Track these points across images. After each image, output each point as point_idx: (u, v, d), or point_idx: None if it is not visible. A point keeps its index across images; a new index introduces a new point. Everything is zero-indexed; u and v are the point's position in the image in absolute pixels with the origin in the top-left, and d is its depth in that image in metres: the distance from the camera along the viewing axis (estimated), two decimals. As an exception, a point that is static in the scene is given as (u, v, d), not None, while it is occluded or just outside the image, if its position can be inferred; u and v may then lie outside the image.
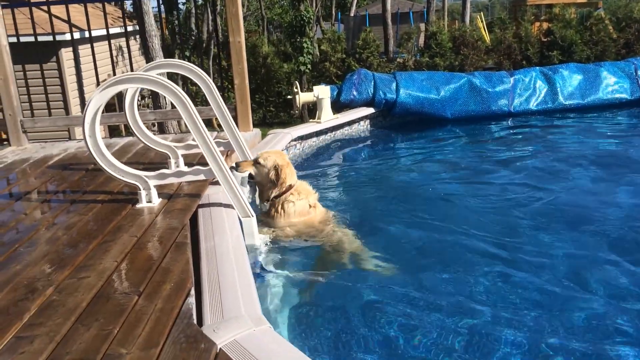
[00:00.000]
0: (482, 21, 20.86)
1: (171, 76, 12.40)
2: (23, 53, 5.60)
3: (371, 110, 7.66)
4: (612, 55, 14.59)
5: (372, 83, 7.73)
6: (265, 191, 4.00)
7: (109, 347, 2.00)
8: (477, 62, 15.28)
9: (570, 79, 8.33)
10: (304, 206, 3.94)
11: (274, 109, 16.43)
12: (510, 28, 17.11)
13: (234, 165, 4.00)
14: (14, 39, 5.39)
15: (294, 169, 4.08)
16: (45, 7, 6.72)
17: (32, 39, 5.72)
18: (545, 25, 16.65)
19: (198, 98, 12.05)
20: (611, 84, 8.36)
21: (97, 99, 3.29)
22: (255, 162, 3.98)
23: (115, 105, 11.40)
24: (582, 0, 20.85)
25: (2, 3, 5.23)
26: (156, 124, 11.67)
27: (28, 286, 2.49)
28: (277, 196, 3.92)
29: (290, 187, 3.94)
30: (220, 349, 2.01)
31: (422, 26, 21.02)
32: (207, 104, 4.30)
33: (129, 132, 4.36)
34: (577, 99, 8.24)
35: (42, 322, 2.19)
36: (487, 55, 15.75)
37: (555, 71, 8.44)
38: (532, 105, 8.14)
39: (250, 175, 4.03)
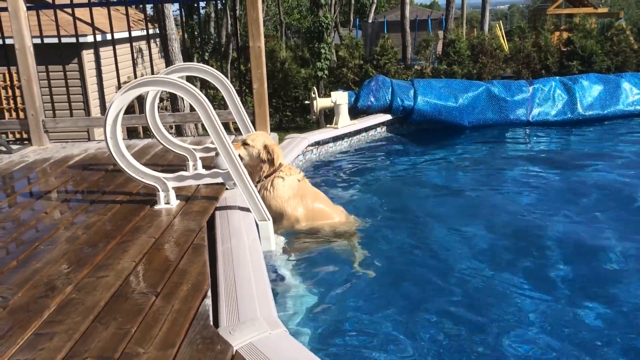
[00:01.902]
0: (501, 30, 20.75)
1: (189, 79, 12.50)
2: (46, 54, 5.67)
3: (388, 116, 7.66)
4: (633, 66, 14.45)
5: (390, 90, 7.73)
6: (255, 173, 4.02)
7: (127, 346, 2.02)
8: (495, 71, 15.21)
9: (590, 89, 8.26)
10: (292, 181, 3.99)
11: (290, 114, 16.48)
12: (529, 37, 17.01)
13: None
14: (37, 40, 5.47)
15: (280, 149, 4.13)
16: (66, 9, 6.82)
17: (55, 40, 5.80)
18: (565, 34, 16.54)
19: (215, 102, 12.13)
20: (632, 95, 8.28)
21: (119, 101, 3.33)
22: (244, 144, 3.99)
23: (134, 107, 11.54)
24: (603, 11, 20.67)
25: (27, 5, 5.31)
26: (174, 126, 11.77)
27: (48, 284, 2.53)
28: (267, 175, 3.96)
29: (281, 165, 4.00)
30: (236, 351, 2.02)
31: (441, 34, 20.98)
32: (224, 107, 4.32)
33: (147, 134, 4.40)
34: (597, 109, 8.17)
35: (61, 320, 2.21)
36: (505, 63, 15.68)
37: (575, 81, 8.38)
38: (551, 115, 8.09)
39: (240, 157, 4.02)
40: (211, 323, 2.21)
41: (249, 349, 2.04)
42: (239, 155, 3.93)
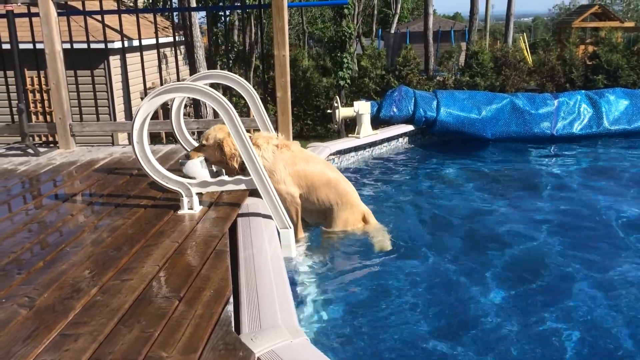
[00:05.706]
0: (524, 42, 20.62)
1: (212, 86, 12.64)
2: (74, 59, 5.77)
3: (410, 127, 7.64)
4: (660, 81, 14.26)
5: (413, 100, 7.72)
6: (228, 166, 3.93)
7: (150, 350, 2.04)
8: (518, 83, 15.13)
9: (616, 104, 8.14)
10: (273, 152, 3.94)
11: (311, 122, 16.55)
12: (554, 50, 16.87)
13: (185, 156, 3.93)
14: (66, 45, 5.58)
15: None
16: (95, 16, 6.94)
17: (84, 45, 5.91)
18: (590, 48, 16.38)
19: (237, 109, 12.26)
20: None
21: (147, 107, 3.38)
22: (201, 146, 3.94)
23: (157, 113, 11.68)
24: (629, 25, 20.42)
25: (58, 11, 5.42)
26: (196, 132, 11.89)
27: (73, 285, 2.56)
28: (242, 164, 3.81)
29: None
30: (258, 358, 2.02)
31: (463, 45, 20.93)
32: (247, 115, 4.35)
33: (170, 139, 4.45)
34: (623, 124, 8.04)
35: (86, 322, 2.24)
36: (529, 76, 15.58)
37: (601, 95, 8.26)
38: (576, 129, 7.98)
39: (207, 159, 3.96)
40: (233, 329, 2.21)
41: (271, 356, 2.04)
42: (205, 159, 3.91)
